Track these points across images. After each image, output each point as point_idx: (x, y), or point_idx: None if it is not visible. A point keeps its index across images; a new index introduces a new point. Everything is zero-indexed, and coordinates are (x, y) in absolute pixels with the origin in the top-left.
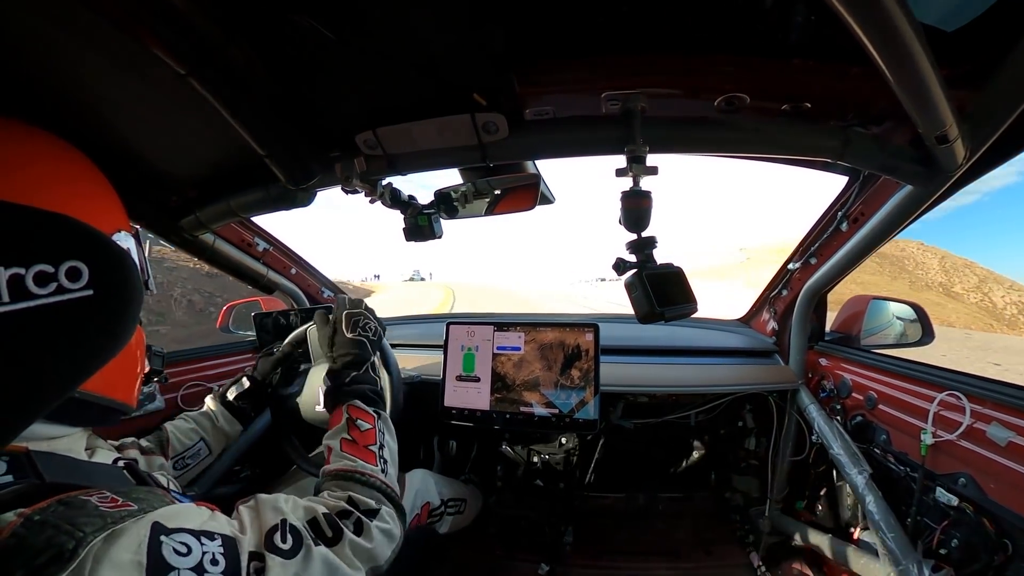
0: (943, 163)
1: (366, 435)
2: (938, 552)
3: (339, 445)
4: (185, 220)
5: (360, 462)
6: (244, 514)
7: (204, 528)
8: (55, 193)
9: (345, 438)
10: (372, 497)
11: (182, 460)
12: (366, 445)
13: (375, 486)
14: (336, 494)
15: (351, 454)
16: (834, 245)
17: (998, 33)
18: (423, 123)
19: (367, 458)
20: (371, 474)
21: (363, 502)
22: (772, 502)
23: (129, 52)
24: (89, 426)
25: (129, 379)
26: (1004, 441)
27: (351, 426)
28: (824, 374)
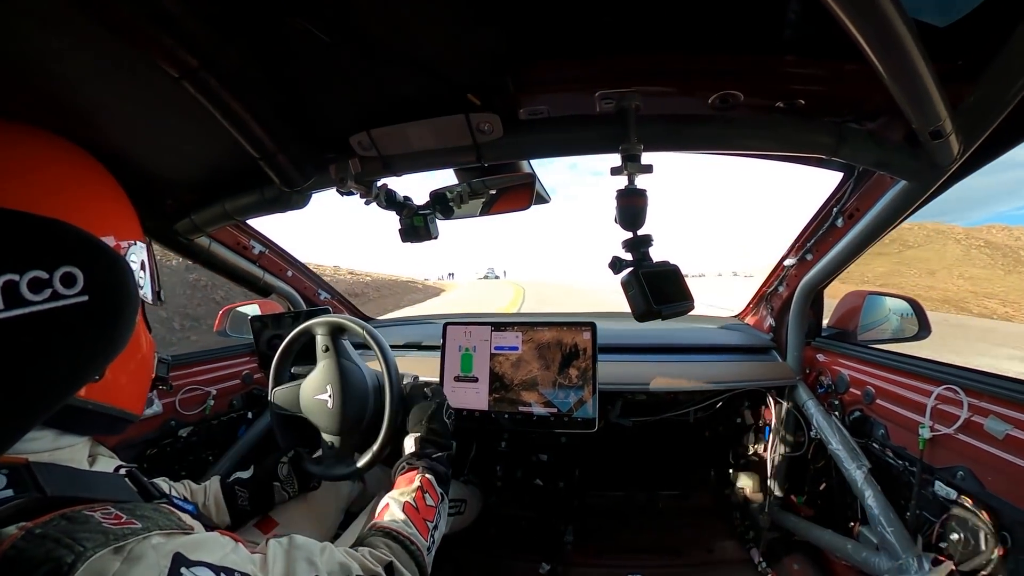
0: (937, 158)
1: (428, 510)
2: (938, 545)
3: (401, 507)
4: (180, 224)
5: (415, 531)
6: (273, 553)
7: (225, 564)
8: (55, 198)
9: (409, 503)
10: (410, 571)
11: None
12: (425, 519)
13: (417, 561)
14: (378, 554)
15: (411, 519)
16: (830, 241)
17: (990, 28)
18: (418, 124)
19: (422, 531)
20: (419, 548)
21: (400, 573)
22: (771, 498)
23: (123, 56)
24: (95, 434)
25: (137, 387)
26: (1002, 434)
27: (419, 494)
28: (821, 370)
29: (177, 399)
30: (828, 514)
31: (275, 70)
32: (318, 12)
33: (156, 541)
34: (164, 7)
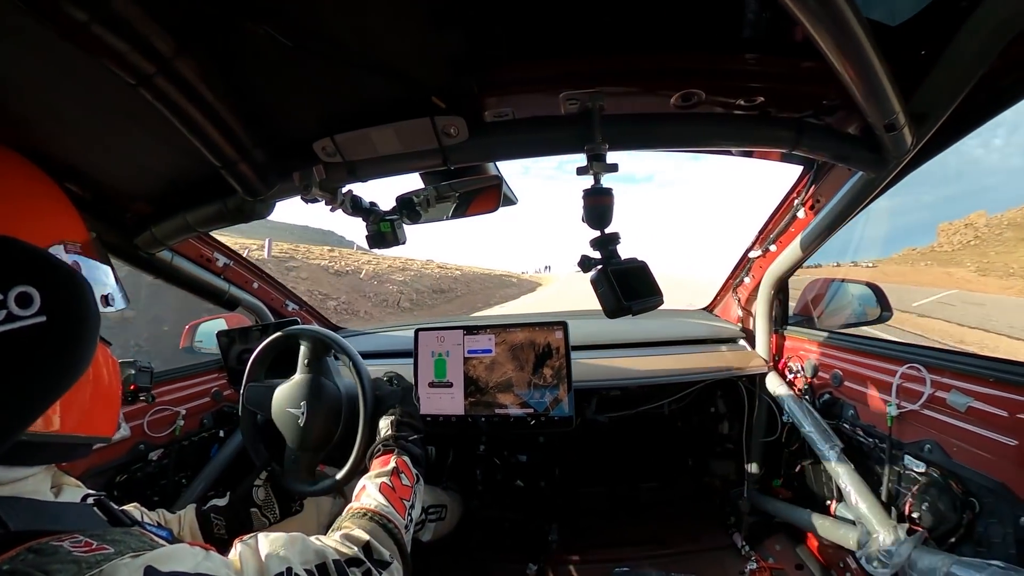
0: (892, 149)
1: (404, 489)
2: (911, 516)
3: (377, 487)
4: (140, 238)
5: (392, 509)
6: (243, 555)
7: (199, 571)
8: (6, 213)
9: (386, 483)
10: (388, 549)
11: None
12: (402, 498)
13: (395, 539)
14: (355, 535)
15: (388, 499)
16: (792, 232)
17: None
18: (382, 128)
19: (399, 509)
20: (397, 525)
21: (378, 552)
22: (749, 483)
23: (75, 62)
24: (54, 462)
25: (101, 409)
26: (964, 407)
27: (395, 475)
28: (790, 356)
29: (145, 421)
30: (805, 494)
31: (236, 75)
32: (279, 16)
33: (127, 560)
34: (115, 11)
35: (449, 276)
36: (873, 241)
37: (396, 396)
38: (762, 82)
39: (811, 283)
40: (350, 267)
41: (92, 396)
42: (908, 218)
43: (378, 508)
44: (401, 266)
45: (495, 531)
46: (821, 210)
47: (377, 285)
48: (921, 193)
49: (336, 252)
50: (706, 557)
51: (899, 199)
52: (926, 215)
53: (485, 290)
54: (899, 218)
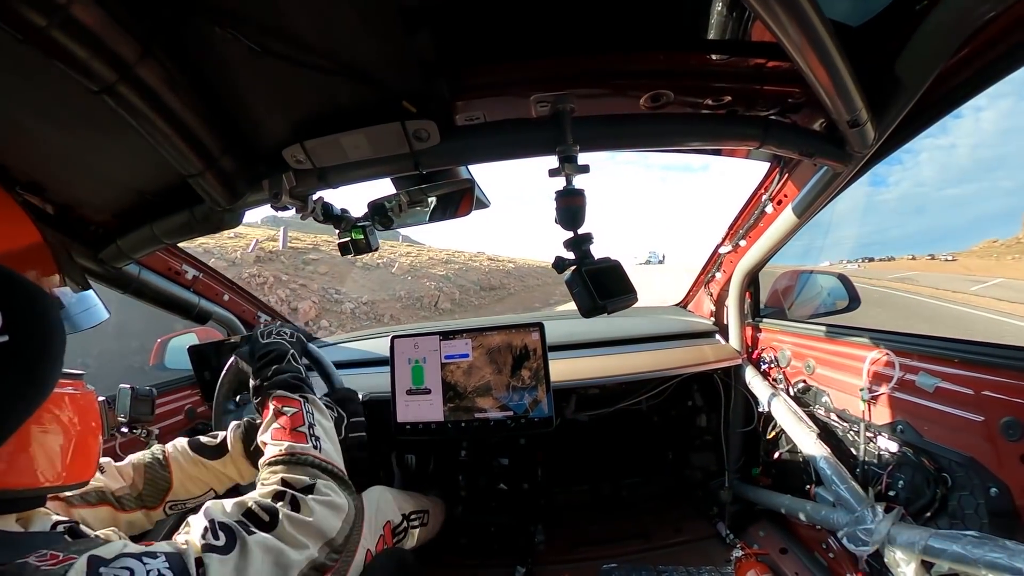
0: (855, 145)
1: (293, 419)
2: (887, 495)
3: (269, 436)
4: (105, 251)
5: (289, 443)
6: (187, 528)
7: (146, 550)
8: None
9: (275, 427)
10: (306, 474)
11: (181, 504)
12: (294, 428)
13: (308, 463)
14: (268, 480)
15: (280, 439)
16: (761, 227)
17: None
18: (352, 133)
19: (297, 439)
20: (301, 452)
21: (297, 480)
22: (730, 473)
23: (34, 68)
24: (8, 513)
25: (72, 455)
26: (932, 387)
27: (277, 415)
28: (764, 347)
29: (117, 444)
30: (785, 480)
31: (202, 82)
32: (244, 19)
33: (84, 557)
34: (75, 15)
35: (501, 270)
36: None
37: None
38: (729, 82)
39: (781, 275)
40: (383, 259)
41: (56, 443)
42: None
43: (275, 453)
44: (445, 258)
45: (481, 536)
46: (788, 204)
47: (412, 282)
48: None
49: None
50: (692, 548)
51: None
52: (1008, 202)
53: (543, 285)
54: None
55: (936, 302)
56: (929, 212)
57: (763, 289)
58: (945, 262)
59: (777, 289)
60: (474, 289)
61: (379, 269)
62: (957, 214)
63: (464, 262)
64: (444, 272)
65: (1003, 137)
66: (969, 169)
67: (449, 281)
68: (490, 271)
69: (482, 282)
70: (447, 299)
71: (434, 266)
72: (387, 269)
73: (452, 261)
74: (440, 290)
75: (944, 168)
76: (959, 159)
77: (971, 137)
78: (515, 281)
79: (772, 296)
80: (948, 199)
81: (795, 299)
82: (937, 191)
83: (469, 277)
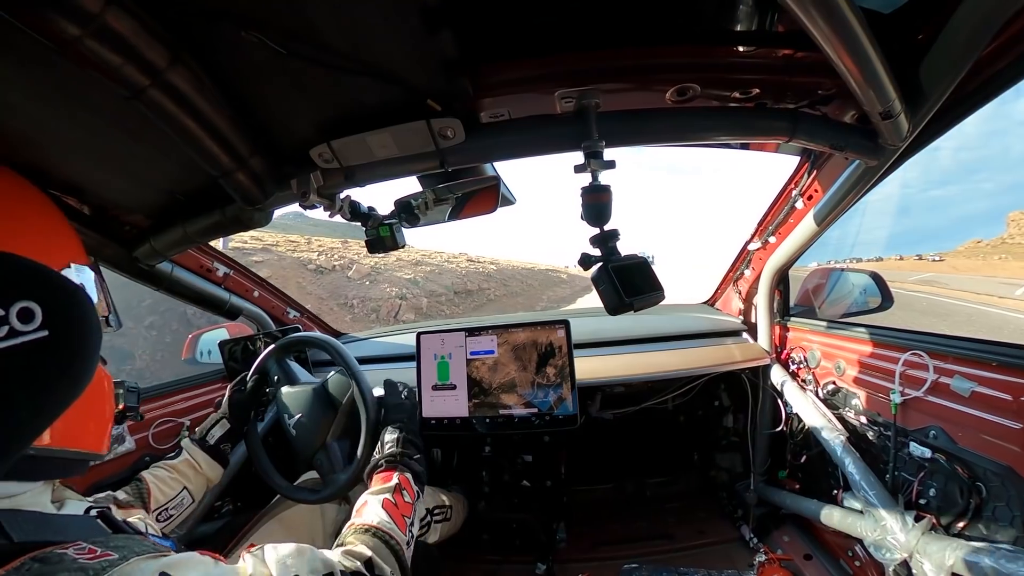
0: (888, 137)
1: (406, 506)
2: (918, 503)
3: (380, 503)
4: (139, 250)
5: (394, 525)
6: (250, 563)
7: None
8: (8, 230)
9: (388, 499)
10: (390, 565)
11: (165, 511)
12: (403, 515)
13: (397, 555)
14: (357, 550)
15: (390, 515)
16: (791, 223)
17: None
18: (378, 133)
19: (400, 526)
20: (399, 542)
21: (380, 567)
22: (756, 475)
23: (69, 76)
24: (51, 479)
25: (95, 425)
26: (968, 392)
27: (397, 491)
28: (793, 347)
29: (150, 433)
30: (812, 485)
31: (230, 85)
32: (270, 24)
33: (138, 564)
34: (107, 24)
35: (480, 272)
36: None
37: (405, 410)
38: (757, 74)
39: (812, 273)
40: (343, 261)
41: (89, 412)
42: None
43: (380, 524)
44: (416, 260)
45: (503, 532)
46: (819, 200)
47: (369, 287)
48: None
49: (342, 244)
50: (715, 550)
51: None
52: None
53: (528, 290)
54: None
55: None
56: (913, 213)
57: (792, 287)
58: (933, 262)
59: (807, 287)
60: (447, 295)
61: (334, 272)
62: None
63: (439, 264)
64: (412, 276)
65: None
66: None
67: (416, 286)
68: (468, 274)
69: (457, 286)
70: (410, 307)
71: (401, 268)
72: (343, 273)
73: (424, 263)
74: (403, 298)
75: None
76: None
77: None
78: (496, 285)
79: (802, 294)
80: (932, 200)
81: (825, 298)
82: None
83: (442, 281)
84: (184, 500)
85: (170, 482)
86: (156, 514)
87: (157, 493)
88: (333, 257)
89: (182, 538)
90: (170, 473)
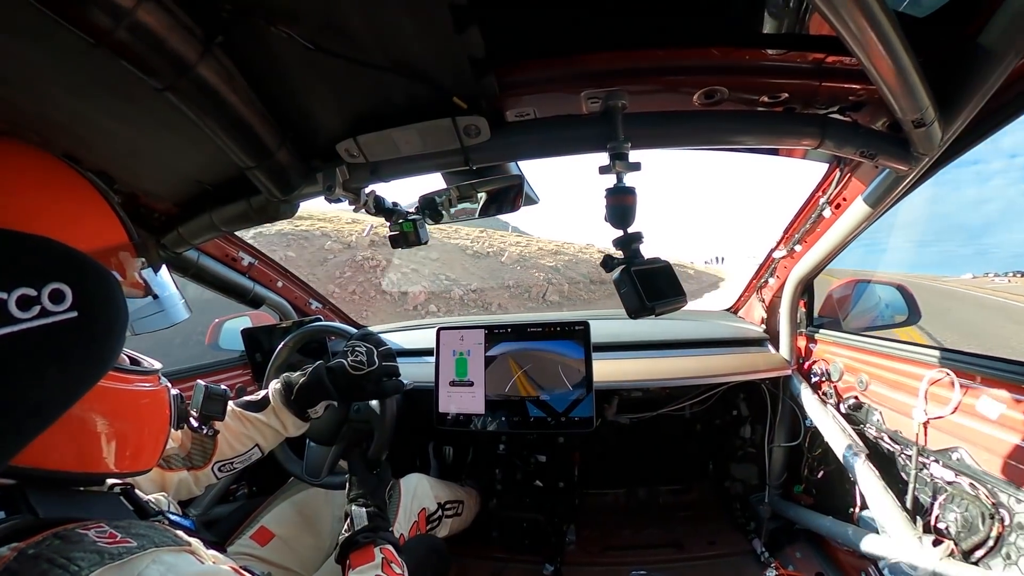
0: (921, 146)
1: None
2: (937, 527)
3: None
4: (167, 237)
5: None
6: None
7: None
8: (41, 215)
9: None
10: None
11: (229, 464)
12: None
13: None
14: None
15: None
16: (818, 231)
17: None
18: (404, 129)
19: None
20: None
21: None
22: (771, 488)
23: (104, 69)
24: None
25: (142, 447)
26: (995, 414)
27: (386, 566)
28: (815, 359)
29: None
30: (827, 501)
31: (259, 79)
32: (299, 19)
33: (156, 556)
34: (139, 17)
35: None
36: None
37: (370, 484)
38: (786, 78)
39: (837, 284)
40: (493, 248)
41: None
42: None
43: None
44: (554, 249)
45: (512, 531)
46: (847, 208)
47: (520, 272)
48: None
49: (484, 233)
50: (725, 563)
51: None
52: None
53: None
54: None
55: None
56: None
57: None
58: None
59: (832, 298)
60: (584, 282)
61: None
62: None
63: (573, 254)
64: (553, 263)
65: None
66: None
67: (558, 273)
68: (599, 264)
69: (591, 275)
70: (555, 291)
71: (543, 257)
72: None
73: (561, 252)
74: (549, 282)
75: None
76: None
77: None
78: None
79: (827, 305)
80: None
81: (851, 309)
82: None
83: (579, 270)
84: (253, 455)
85: (242, 438)
86: (219, 466)
87: (225, 448)
88: (484, 244)
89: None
90: (245, 428)
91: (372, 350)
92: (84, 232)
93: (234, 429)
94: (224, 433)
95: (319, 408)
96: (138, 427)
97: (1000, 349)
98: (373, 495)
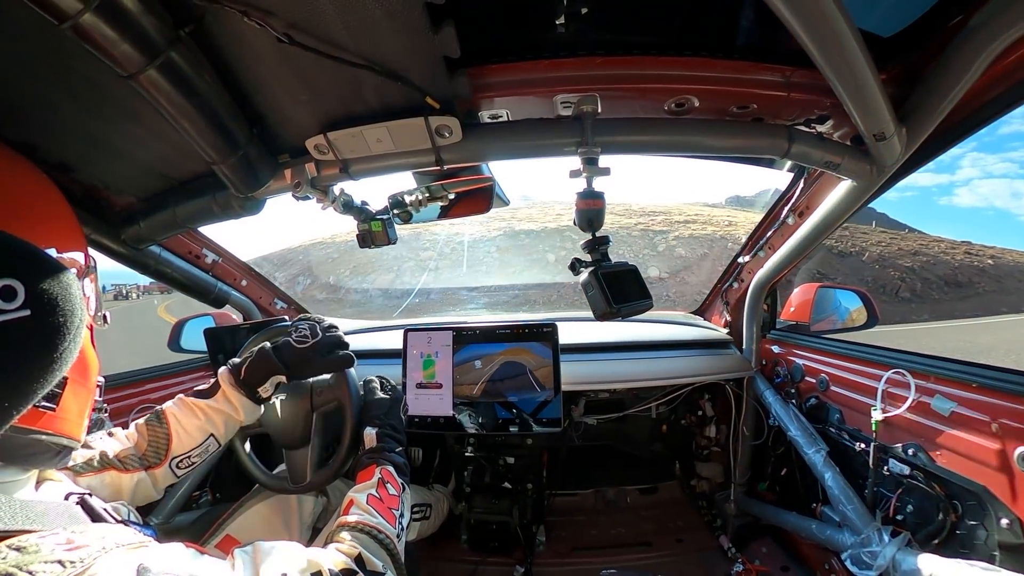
0: (881, 159)
1: (392, 499)
2: (895, 519)
3: (365, 499)
4: (127, 232)
5: (382, 520)
6: (239, 560)
7: (191, 572)
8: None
9: (372, 494)
10: (381, 559)
11: (187, 459)
12: (390, 507)
13: (388, 548)
14: (345, 548)
15: (376, 510)
16: (782, 238)
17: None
18: (376, 127)
19: (388, 519)
20: (388, 535)
21: (371, 563)
22: (736, 486)
23: (65, 52)
24: (40, 467)
25: (83, 411)
26: (947, 412)
27: (381, 486)
28: (777, 360)
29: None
30: (791, 497)
31: (230, 71)
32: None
33: (117, 555)
34: (109, 2)
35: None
36: None
37: (383, 406)
38: (755, 89)
39: (799, 289)
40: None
41: (78, 398)
42: None
43: (367, 520)
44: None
45: (482, 533)
46: (810, 216)
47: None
48: None
49: None
50: (693, 559)
51: None
52: None
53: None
54: None
55: None
56: None
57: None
58: None
59: (794, 303)
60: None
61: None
62: None
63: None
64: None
65: None
66: None
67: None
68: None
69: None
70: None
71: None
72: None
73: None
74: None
75: None
76: None
77: None
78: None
79: (788, 309)
80: None
81: (812, 314)
82: None
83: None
84: (210, 447)
85: (196, 430)
86: (176, 462)
87: (180, 442)
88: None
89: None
90: (197, 418)
91: (315, 325)
92: (38, 225)
93: (186, 422)
94: (177, 426)
95: (269, 386)
96: (88, 391)
97: None
98: (388, 414)
